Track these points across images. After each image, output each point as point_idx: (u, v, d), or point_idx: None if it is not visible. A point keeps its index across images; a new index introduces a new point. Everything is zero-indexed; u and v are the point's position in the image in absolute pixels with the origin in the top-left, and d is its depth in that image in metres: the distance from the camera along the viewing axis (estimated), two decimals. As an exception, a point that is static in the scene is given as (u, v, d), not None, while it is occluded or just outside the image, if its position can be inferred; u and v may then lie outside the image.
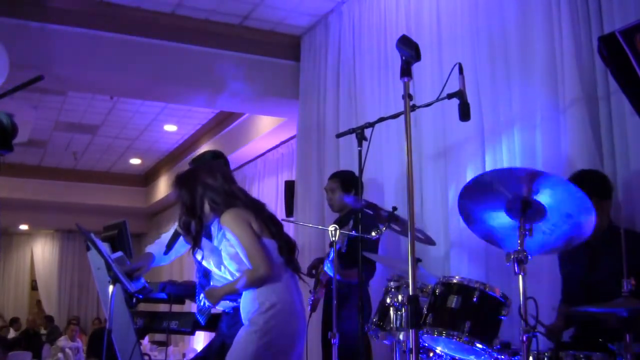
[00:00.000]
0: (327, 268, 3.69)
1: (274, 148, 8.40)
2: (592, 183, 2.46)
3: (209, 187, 2.91)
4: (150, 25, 6.11)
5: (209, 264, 3.07)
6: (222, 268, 3.00)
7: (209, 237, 3.17)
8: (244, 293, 2.85)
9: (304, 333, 2.88)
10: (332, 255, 3.35)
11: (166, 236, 3.38)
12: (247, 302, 2.83)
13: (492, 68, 4.07)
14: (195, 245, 2.95)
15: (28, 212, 12.51)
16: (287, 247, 2.91)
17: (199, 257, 3.06)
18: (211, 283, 3.17)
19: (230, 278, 2.95)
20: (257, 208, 2.92)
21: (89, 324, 13.54)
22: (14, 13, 5.65)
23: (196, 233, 2.93)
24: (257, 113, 7.77)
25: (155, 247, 3.34)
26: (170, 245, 3.07)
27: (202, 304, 3.29)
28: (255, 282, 2.77)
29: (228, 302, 3.04)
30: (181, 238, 3.19)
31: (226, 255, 2.90)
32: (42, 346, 10.58)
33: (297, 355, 2.83)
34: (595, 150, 3.38)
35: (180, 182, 3.00)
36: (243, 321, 2.83)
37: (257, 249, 2.77)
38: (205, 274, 3.29)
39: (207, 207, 2.91)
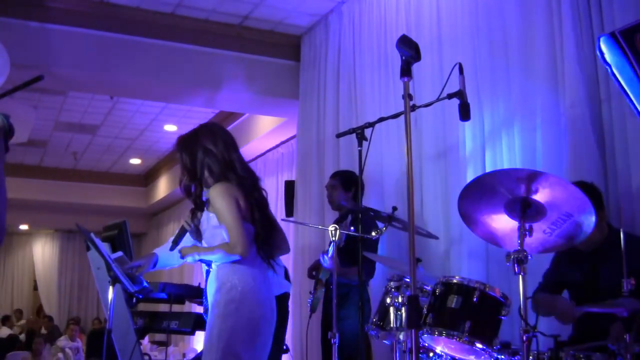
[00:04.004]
0: (324, 261, 3.69)
1: (274, 148, 8.40)
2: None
3: (208, 152, 2.90)
4: (150, 25, 6.11)
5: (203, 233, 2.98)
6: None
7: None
8: (211, 271, 2.85)
9: (271, 322, 2.85)
10: (331, 252, 3.35)
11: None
12: (211, 281, 2.84)
13: (492, 68, 4.07)
14: (197, 208, 2.91)
15: (28, 212, 12.50)
16: (264, 235, 2.89)
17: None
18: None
19: None
20: (248, 188, 2.89)
21: (89, 324, 13.55)
22: (14, 13, 5.65)
23: (196, 196, 2.91)
24: (257, 113, 7.77)
25: (162, 248, 3.26)
26: (176, 241, 2.98)
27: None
28: (228, 257, 2.77)
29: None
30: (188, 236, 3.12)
31: (209, 230, 2.87)
32: (43, 346, 10.57)
33: (262, 345, 2.80)
34: (596, 151, 3.38)
35: (182, 144, 2.98)
36: (208, 305, 2.83)
37: (238, 228, 2.76)
38: None
39: (206, 172, 2.90)
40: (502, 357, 2.54)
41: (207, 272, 2.97)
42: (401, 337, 2.98)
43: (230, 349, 2.69)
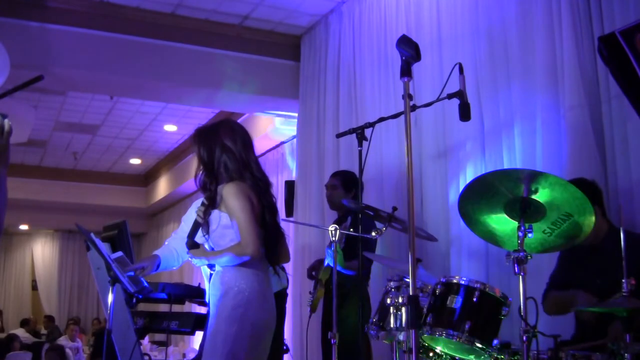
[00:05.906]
0: (327, 254, 3.69)
1: (274, 148, 8.40)
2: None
3: (226, 149, 2.85)
4: (150, 25, 6.11)
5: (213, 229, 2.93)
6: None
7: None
8: (214, 275, 2.80)
9: (273, 326, 2.83)
10: (333, 245, 3.35)
11: (172, 241, 3.27)
12: (215, 285, 2.78)
13: (492, 68, 4.07)
14: (210, 205, 2.85)
15: (28, 212, 12.50)
16: (273, 239, 2.87)
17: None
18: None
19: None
20: (261, 190, 2.87)
21: (89, 324, 13.55)
22: (14, 13, 5.65)
23: (211, 192, 2.85)
24: (257, 113, 7.77)
25: (163, 250, 3.20)
26: (191, 236, 2.89)
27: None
28: (240, 258, 2.72)
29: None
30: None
31: (219, 229, 2.82)
32: (42, 346, 10.56)
33: (264, 349, 2.79)
34: (596, 151, 3.38)
35: (200, 137, 2.92)
36: (210, 308, 2.79)
37: (252, 228, 2.72)
38: None
39: (222, 169, 2.86)
40: (502, 357, 2.54)
41: (209, 276, 2.94)
42: (401, 337, 2.98)
43: (233, 355, 2.68)
